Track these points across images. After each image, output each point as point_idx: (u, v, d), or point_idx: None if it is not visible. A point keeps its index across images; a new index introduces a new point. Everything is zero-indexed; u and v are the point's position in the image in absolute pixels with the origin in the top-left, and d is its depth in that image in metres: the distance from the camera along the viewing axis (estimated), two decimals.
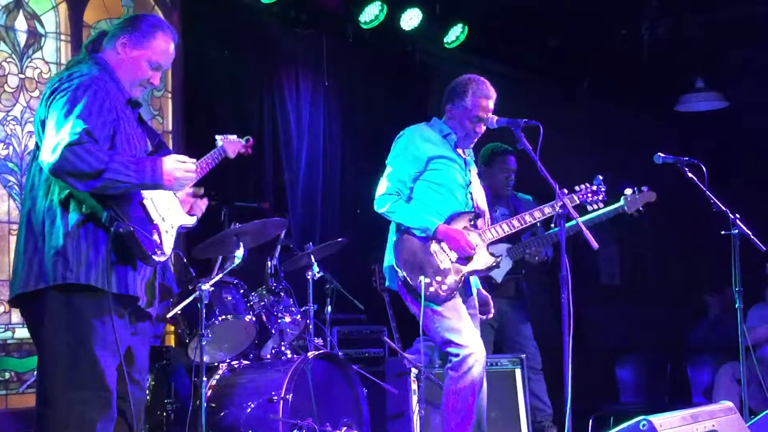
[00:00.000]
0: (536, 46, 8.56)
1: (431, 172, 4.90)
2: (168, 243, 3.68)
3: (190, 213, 3.94)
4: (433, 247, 4.79)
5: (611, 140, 8.39)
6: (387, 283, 5.01)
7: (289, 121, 7.52)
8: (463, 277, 4.81)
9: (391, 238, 4.92)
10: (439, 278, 4.74)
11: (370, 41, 7.87)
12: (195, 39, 6.94)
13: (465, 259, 4.81)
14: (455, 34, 8.19)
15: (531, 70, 8.78)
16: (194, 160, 3.76)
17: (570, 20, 8.29)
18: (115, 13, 6.74)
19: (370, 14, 7.60)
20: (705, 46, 8.42)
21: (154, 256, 3.56)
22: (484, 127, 5.01)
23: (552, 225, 6.00)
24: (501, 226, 4.95)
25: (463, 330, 4.73)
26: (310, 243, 6.14)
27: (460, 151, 5.03)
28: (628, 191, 5.94)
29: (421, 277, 4.68)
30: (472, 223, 4.90)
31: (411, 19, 7.81)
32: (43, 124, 3.54)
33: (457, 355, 4.71)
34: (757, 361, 6.15)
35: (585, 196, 5.07)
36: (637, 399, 8.16)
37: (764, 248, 5.26)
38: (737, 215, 5.24)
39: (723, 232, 5.26)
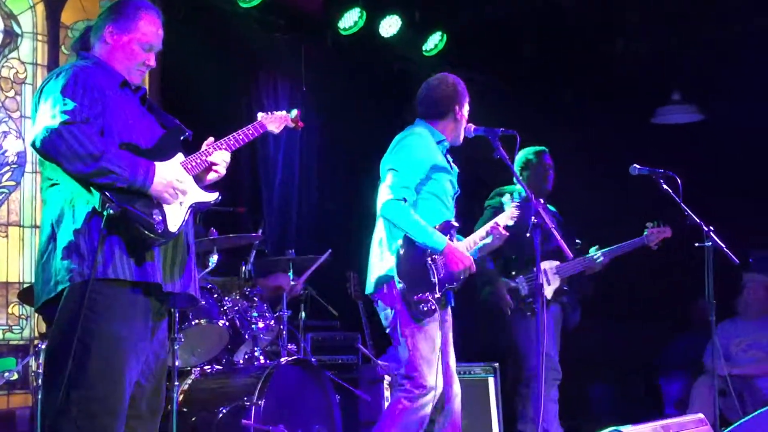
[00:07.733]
0: (514, 55, 8.59)
1: (430, 181, 4.71)
2: (175, 219, 3.46)
3: (207, 186, 3.78)
4: (429, 261, 4.61)
5: (588, 151, 8.41)
6: (370, 290, 4.76)
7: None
8: (445, 292, 4.66)
9: (394, 245, 4.64)
10: (429, 295, 4.57)
11: (349, 47, 7.87)
12: (173, 42, 6.88)
13: (450, 276, 4.64)
14: (434, 42, 8.20)
15: (509, 80, 8.80)
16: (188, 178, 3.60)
17: (548, 32, 8.32)
18: (93, 14, 6.69)
19: (349, 20, 7.58)
20: (682, 60, 8.48)
21: (153, 234, 3.36)
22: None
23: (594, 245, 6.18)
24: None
25: (433, 364, 4.59)
26: (293, 250, 6.13)
27: (449, 157, 4.88)
28: (650, 224, 6.04)
29: (428, 294, 4.55)
30: (454, 235, 4.78)
31: (390, 26, 7.81)
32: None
33: (418, 387, 4.59)
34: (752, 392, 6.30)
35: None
36: (610, 411, 8.18)
37: (738, 261, 5.28)
38: (711, 228, 5.26)
39: (697, 245, 5.27)
